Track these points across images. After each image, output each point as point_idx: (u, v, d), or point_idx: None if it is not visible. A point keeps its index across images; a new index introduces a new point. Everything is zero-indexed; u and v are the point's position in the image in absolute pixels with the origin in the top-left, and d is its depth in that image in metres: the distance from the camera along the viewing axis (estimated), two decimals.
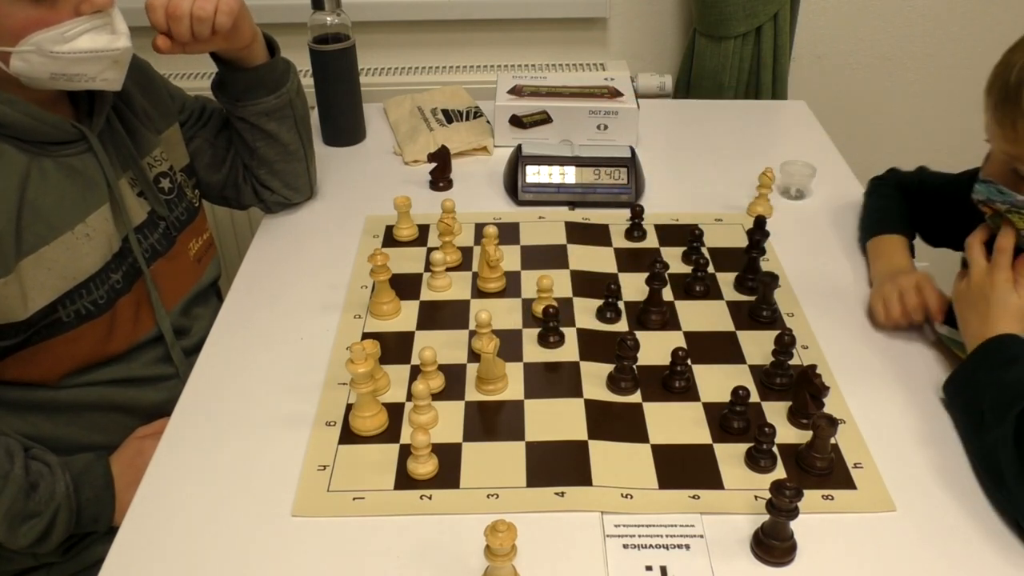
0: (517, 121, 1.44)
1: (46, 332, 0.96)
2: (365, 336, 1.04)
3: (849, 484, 0.84)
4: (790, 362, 0.96)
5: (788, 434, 0.90)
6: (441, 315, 1.08)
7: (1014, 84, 0.85)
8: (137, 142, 1.09)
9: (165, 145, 1.15)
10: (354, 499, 0.83)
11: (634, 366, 0.95)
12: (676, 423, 0.92)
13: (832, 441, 0.86)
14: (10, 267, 0.90)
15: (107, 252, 1.00)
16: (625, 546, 0.79)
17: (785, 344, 0.94)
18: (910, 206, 1.18)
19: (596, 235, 1.23)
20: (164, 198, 1.12)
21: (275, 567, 0.77)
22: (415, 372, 0.98)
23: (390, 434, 0.90)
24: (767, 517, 0.76)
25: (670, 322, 1.06)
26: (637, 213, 1.22)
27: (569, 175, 1.31)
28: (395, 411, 0.92)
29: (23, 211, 0.91)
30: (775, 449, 0.86)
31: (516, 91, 1.47)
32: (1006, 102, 0.86)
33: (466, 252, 1.19)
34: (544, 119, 1.43)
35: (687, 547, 0.78)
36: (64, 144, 0.98)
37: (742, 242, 1.14)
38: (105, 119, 1.03)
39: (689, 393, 0.95)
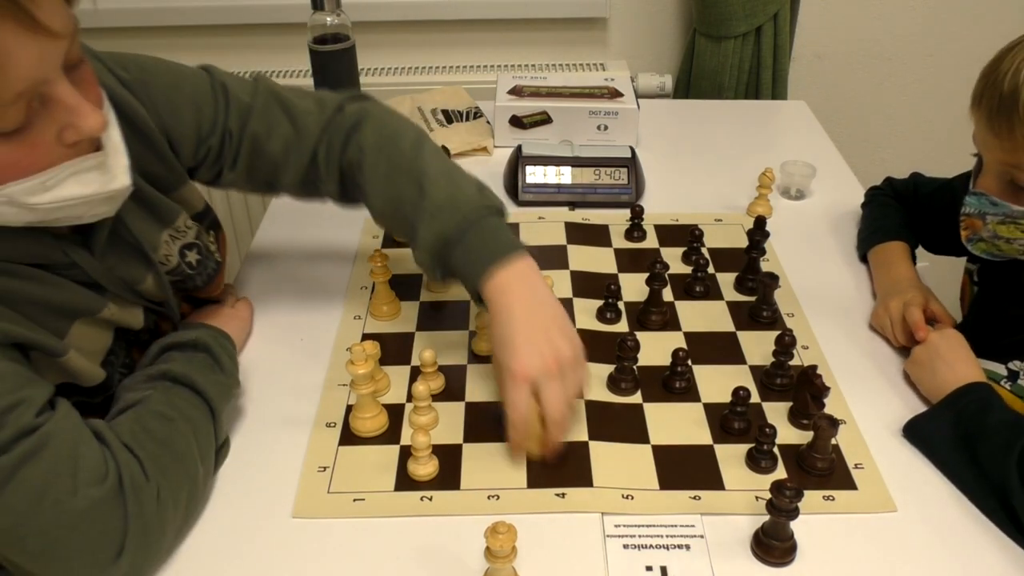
0: (517, 121, 1.44)
1: None
2: (365, 337, 1.04)
3: (850, 485, 0.84)
4: (790, 363, 0.96)
5: (789, 435, 0.90)
6: (441, 316, 1.08)
7: (1008, 92, 0.84)
8: (161, 217, 0.90)
9: (183, 203, 0.94)
10: (354, 500, 0.83)
11: (634, 367, 0.95)
12: (677, 424, 0.92)
13: (833, 442, 0.86)
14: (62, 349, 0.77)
15: (101, 350, 0.85)
16: (625, 546, 0.79)
17: (785, 344, 0.94)
18: (908, 213, 1.17)
19: (596, 235, 1.23)
20: (190, 272, 0.94)
21: (275, 568, 0.77)
22: (415, 373, 0.98)
23: (390, 435, 0.90)
24: (767, 517, 0.76)
25: (670, 322, 1.06)
26: (637, 213, 1.22)
27: (569, 175, 1.31)
28: (395, 412, 0.92)
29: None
30: (776, 450, 0.86)
31: (516, 91, 1.46)
32: (1000, 112, 0.85)
33: None
34: (544, 119, 1.43)
35: (687, 547, 0.78)
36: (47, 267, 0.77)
37: (742, 242, 1.14)
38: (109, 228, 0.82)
39: (689, 394, 0.95)
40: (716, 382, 0.96)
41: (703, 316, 1.08)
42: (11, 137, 0.65)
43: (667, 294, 1.10)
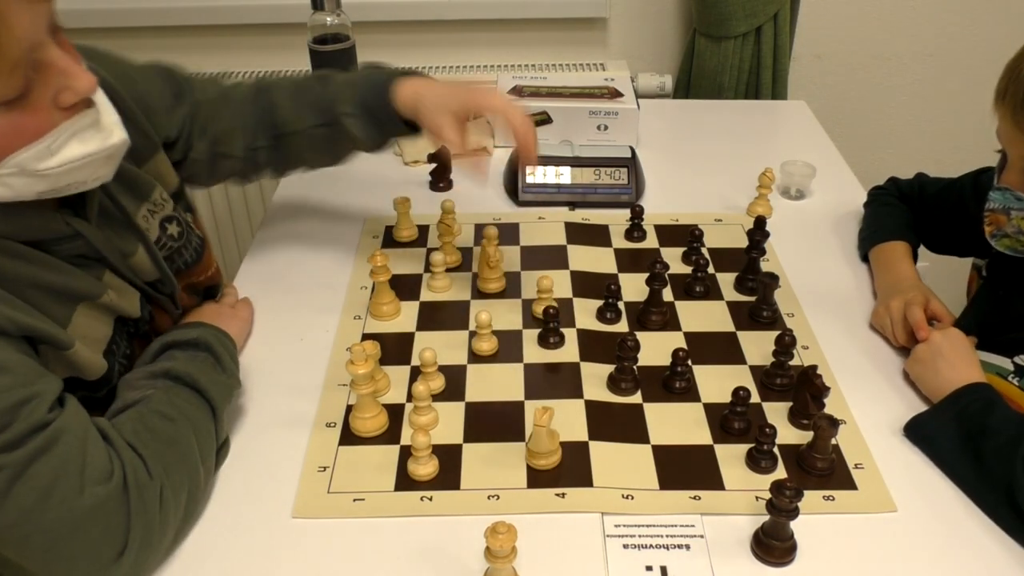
0: None
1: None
2: (365, 337, 1.04)
3: (850, 485, 0.84)
4: (790, 363, 0.96)
5: (789, 435, 0.90)
6: (441, 316, 1.08)
7: None
8: (136, 191, 0.92)
9: (158, 177, 0.96)
10: (354, 500, 0.83)
11: (634, 367, 0.95)
12: (677, 424, 0.92)
13: (833, 442, 0.86)
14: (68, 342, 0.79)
15: (103, 340, 0.86)
16: (625, 546, 0.79)
17: (785, 344, 0.94)
18: (912, 213, 1.17)
19: (596, 235, 1.23)
20: (173, 244, 0.96)
21: (275, 568, 0.77)
22: (415, 373, 0.98)
23: (390, 435, 0.90)
24: (767, 517, 0.76)
25: (670, 323, 1.06)
26: (637, 213, 1.22)
27: (569, 175, 1.31)
28: (395, 412, 0.92)
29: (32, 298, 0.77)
30: (776, 450, 0.86)
31: (516, 91, 1.46)
32: None
33: (466, 253, 1.19)
34: (544, 119, 1.43)
35: (687, 547, 0.78)
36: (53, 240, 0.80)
37: (742, 242, 1.14)
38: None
39: (690, 394, 0.95)
40: (716, 382, 0.96)
41: (703, 316, 1.08)
42: (13, 105, 0.68)
43: (667, 294, 1.10)
